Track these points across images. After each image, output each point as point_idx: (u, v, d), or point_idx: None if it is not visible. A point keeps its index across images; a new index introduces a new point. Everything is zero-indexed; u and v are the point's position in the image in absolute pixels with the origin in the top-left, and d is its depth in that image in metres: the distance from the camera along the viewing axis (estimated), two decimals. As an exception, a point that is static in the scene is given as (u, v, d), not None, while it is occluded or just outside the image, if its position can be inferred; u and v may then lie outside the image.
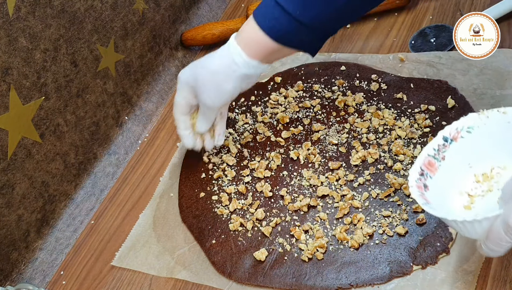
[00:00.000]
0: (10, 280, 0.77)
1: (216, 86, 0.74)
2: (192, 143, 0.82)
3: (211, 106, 0.77)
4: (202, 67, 0.75)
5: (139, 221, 0.84)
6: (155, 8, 1.00)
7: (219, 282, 0.73)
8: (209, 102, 0.76)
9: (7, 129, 0.74)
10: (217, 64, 0.74)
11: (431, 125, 0.79)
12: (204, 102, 0.76)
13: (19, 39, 0.74)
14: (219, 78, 0.74)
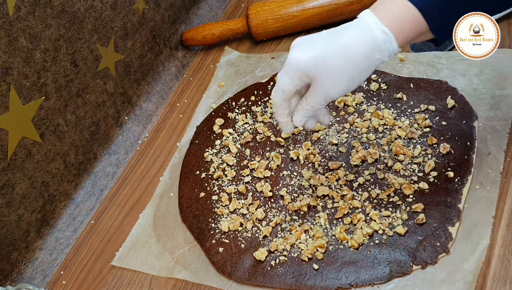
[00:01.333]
0: (10, 280, 0.77)
1: (351, 74, 0.63)
2: (291, 130, 0.70)
3: (334, 97, 0.65)
4: (333, 51, 0.62)
5: (139, 221, 0.84)
6: (155, 8, 1.00)
7: (219, 282, 0.73)
8: (334, 92, 0.64)
9: (7, 129, 0.74)
10: (355, 47, 0.61)
11: (431, 125, 0.79)
12: (327, 91, 0.64)
13: (19, 39, 0.74)
14: (357, 65, 0.62)
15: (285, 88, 0.65)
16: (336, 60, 0.62)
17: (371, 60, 0.62)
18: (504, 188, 0.71)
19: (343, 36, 0.62)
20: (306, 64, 0.63)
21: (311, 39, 0.64)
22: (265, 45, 1.04)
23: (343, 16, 0.99)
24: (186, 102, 1.00)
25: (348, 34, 0.62)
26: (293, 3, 1.00)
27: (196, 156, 0.88)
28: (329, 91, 0.64)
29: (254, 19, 1.01)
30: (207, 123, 0.92)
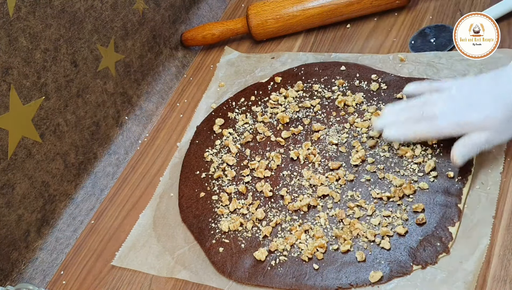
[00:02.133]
0: (10, 280, 0.77)
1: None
2: None
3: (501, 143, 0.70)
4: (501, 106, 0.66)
5: (139, 221, 0.84)
6: (155, 8, 1.00)
7: (219, 282, 0.73)
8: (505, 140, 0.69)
9: (7, 129, 0.74)
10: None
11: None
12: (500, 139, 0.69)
13: (19, 39, 0.74)
14: None
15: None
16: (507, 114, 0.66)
17: None
18: (504, 188, 0.71)
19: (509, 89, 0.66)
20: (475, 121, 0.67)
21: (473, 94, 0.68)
22: (265, 45, 1.04)
23: (343, 16, 0.99)
24: (186, 102, 1.00)
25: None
26: (293, 3, 1.00)
27: (196, 156, 0.88)
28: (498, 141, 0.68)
29: (254, 19, 1.01)
30: (207, 123, 0.92)
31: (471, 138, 0.68)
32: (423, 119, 0.71)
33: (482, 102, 0.67)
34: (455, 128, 0.69)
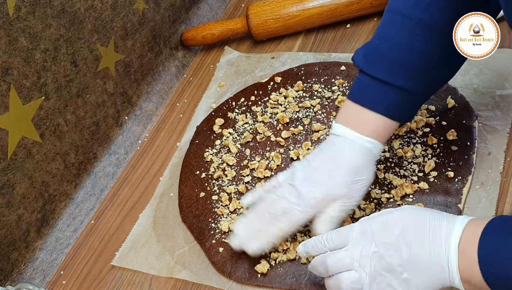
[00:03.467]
0: (10, 280, 0.77)
1: (365, 184, 0.69)
2: None
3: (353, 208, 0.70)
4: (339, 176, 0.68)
5: (139, 221, 0.84)
6: (155, 8, 1.00)
7: (219, 282, 0.73)
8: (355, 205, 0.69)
9: (7, 129, 0.74)
10: (358, 163, 0.68)
11: (431, 125, 0.79)
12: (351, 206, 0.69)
13: (19, 39, 0.74)
14: (366, 174, 0.68)
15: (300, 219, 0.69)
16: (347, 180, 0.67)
17: (372, 163, 0.69)
18: (504, 188, 0.71)
19: (343, 160, 0.68)
20: (323, 197, 0.68)
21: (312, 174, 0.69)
22: (265, 45, 1.04)
23: (343, 16, 0.99)
24: (186, 102, 1.00)
25: (345, 156, 0.68)
26: (293, 3, 1.00)
27: (196, 156, 0.88)
28: (350, 206, 0.69)
29: (254, 19, 1.01)
30: (207, 123, 0.92)
31: (328, 214, 0.68)
32: (275, 219, 0.69)
33: (322, 178, 0.68)
34: (310, 211, 0.68)
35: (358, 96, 0.69)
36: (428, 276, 0.57)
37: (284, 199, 0.69)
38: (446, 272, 0.56)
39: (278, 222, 0.69)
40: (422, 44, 0.67)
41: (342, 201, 0.68)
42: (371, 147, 0.68)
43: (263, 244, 0.71)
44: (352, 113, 0.69)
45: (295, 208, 0.68)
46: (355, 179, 0.68)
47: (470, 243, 0.55)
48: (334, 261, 0.61)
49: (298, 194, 0.68)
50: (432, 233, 0.57)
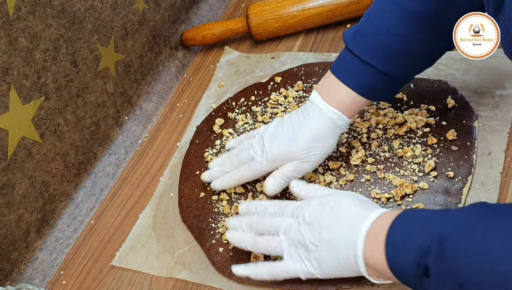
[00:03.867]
0: (10, 280, 0.77)
1: (321, 150, 0.75)
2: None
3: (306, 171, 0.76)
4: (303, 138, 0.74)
5: (139, 221, 0.84)
6: (155, 8, 1.00)
7: (219, 282, 0.73)
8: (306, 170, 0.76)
9: (7, 129, 0.74)
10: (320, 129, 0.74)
11: (431, 125, 0.79)
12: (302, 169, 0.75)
13: (19, 39, 0.74)
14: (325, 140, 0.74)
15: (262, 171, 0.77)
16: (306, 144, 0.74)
17: (334, 133, 0.75)
18: (504, 188, 0.71)
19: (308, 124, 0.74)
20: (282, 155, 0.75)
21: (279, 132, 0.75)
22: (265, 45, 1.04)
23: (343, 16, 0.99)
24: (186, 102, 1.00)
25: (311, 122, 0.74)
26: (293, 3, 1.00)
27: (196, 156, 0.88)
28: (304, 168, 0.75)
29: (254, 19, 1.01)
30: (207, 123, 0.92)
31: (281, 170, 0.75)
32: (241, 164, 0.78)
33: (286, 137, 0.75)
34: (267, 164, 0.76)
35: (337, 69, 0.74)
36: (337, 260, 0.61)
37: (252, 150, 0.77)
38: (352, 258, 0.60)
39: (242, 168, 0.78)
40: (408, 32, 0.69)
41: (298, 162, 0.74)
42: (336, 118, 0.73)
43: (225, 184, 0.80)
44: (328, 84, 0.74)
45: (257, 159, 0.76)
46: (314, 145, 0.74)
47: (379, 232, 0.58)
48: (269, 224, 0.67)
49: (263, 148, 0.76)
50: (348, 220, 0.62)
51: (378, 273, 0.59)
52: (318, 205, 0.65)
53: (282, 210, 0.68)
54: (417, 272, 0.54)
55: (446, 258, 0.52)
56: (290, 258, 0.65)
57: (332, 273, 0.63)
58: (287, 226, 0.66)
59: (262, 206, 0.70)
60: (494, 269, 0.49)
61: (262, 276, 0.67)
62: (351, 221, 0.61)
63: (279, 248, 0.66)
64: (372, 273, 0.60)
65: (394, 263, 0.56)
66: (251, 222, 0.70)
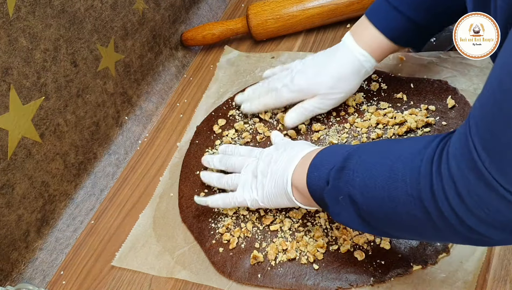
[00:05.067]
0: (10, 280, 0.77)
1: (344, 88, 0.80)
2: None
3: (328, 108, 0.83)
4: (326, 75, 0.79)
5: (139, 221, 0.84)
6: (155, 8, 1.00)
7: (219, 282, 0.73)
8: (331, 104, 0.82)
9: (7, 129, 0.74)
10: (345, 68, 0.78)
11: (431, 125, 0.79)
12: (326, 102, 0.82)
13: (19, 39, 0.74)
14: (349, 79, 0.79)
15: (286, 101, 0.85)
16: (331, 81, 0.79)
17: (359, 75, 0.79)
18: (504, 188, 0.71)
19: (335, 62, 0.79)
20: (306, 87, 0.81)
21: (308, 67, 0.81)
22: (265, 45, 1.04)
23: (343, 16, 0.99)
24: (186, 102, 1.00)
25: (339, 60, 0.79)
26: (293, 3, 1.00)
27: (196, 156, 0.88)
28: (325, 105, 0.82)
29: (254, 19, 1.01)
30: (207, 123, 0.92)
31: (303, 103, 0.82)
32: (269, 91, 0.85)
33: (313, 72, 0.80)
34: (291, 94, 0.82)
35: (370, 12, 0.78)
36: (275, 184, 0.70)
37: (281, 80, 0.84)
38: (285, 181, 0.68)
39: (270, 95, 0.85)
40: None
41: (320, 97, 0.80)
42: (363, 60, 0.78)
43: (253, 108, 0.87)
44: (360, 26, 0.78)
45: (284, 88, 0.83)
46: (338, 83, 0.79)
47: (308, 159, 0.66)
48: (236, 162, 0.77)
49: (291, 79, 0.82)
50: (291, 153, 0.70)
51: (300, 193, 0.67)
52: (276, 146, 0.75)
53: (249, 153, 0.78)
54: (322, 185, 0.62)
55: (343, 171, 0.60)
56: (242, 188, 0.74)
57: (270, 199, 0.71)
58: (248, 163, 0.75)
59: (236, 148, 0.81)
60: (372, 182, 0.56)
61: (217, 202, 0.76)
62: (292, 154, 0.70)
63: (237, 182, 0.75)
64: (296, 195, 0.68)
65: (310, 179, 0.64)
66: (222, 158, 0.79)
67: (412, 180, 0.52)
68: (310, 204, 0.68)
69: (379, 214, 0.57)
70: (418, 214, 0.52)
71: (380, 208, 0.56)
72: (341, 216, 0.62)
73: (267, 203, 0.72)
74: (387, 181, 0.55)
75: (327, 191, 0.62)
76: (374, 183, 0.56)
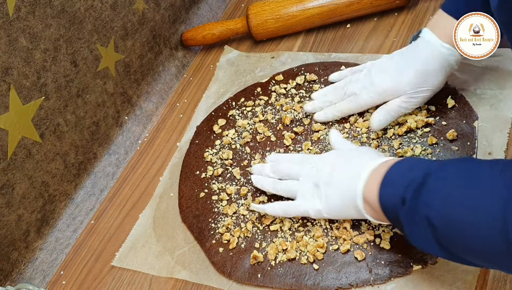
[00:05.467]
0: (10, 280, 0.77)
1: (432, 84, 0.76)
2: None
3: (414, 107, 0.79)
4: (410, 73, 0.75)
5: (139, 221, 0.84)
6: (155, 8, 1.00)
7: (219, 282, 0.73)
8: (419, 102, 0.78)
9: (7, 129, 0.74)
10: (431, 65, 0.75)
11: (431, 125, 0.79)
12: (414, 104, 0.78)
13: (19, 39, 0.74)
14: (436, 75, 0.75)
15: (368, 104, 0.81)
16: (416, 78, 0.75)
17: (444, 70, 0.75)
18: (504, 188, 0.71)
19: (418, 59, 0.75)
20: (391, 88, 0.77)
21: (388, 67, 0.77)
22: (265, 45, 1.04)
23: (343, 16, 0.99)
24: (186, 102, 1.00)
25: (421, 57, 0.75)
26: (293, 3, 1.00)
27: (196, 156, 0.88)
28: (412, 104, 0.78)
29: (254, 19, 1.01)
30: (207, 123, 0.92)
31: (387, 105, 0.78)
32: (346, 96, 0.81)
33: (396, 71, 0.76)
34: (375, 97, 0.78)
35: (448, 6, 0.74)
36: (342, 196, 0.67)
37: (359, 83, 0.80)
38: (354, 193, 0.65)
39: (347, 100, 0.81)
40: None
41: (405, 97, 0.76)
42: (447, 54, 0.74)
43: (328, 116, 0.83)
44: (439, 21, 0.75)
45: (364, 92, 0.79)
46: (423, 81, 0.75)
47: (380, 172, 0.63)
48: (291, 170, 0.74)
49: (371, 81, 0.78)
50: (357, 163, 0.67)
51: (371, 207, 0.64)
52: (337, 153, 0.72)
53: (304, 160, 0.74)
54: (397, 202, 0.59)
55: (422, 192, 0.56)
56: (302, 197, 0.71)
57: (336, 210, 0.68)
58: (306, 171, 0.72)
59: (288, 156, 0.77)
60: (453, 207, 0.54)
61: (275, 211, 0.73)
62: (360, 165, 0.66)
63: (295, 189, 0.72)
64: (367, 209, 0.65)
65: (383, 196, 0.61)
66: (274, 166, 0.76)
67: (497, 211, 0.51)
68: (381, 219, 0.64)
69: (457, 241, 0.55)
70: (499, 245, 0.51)
71: (459, 235, 0.54)
72: (417, 240, 0.59)
73: (333, 215, 0.69)
74: (469, 208, 0.53)
75: (402, 211, 0.58)
76: (454, 208, 0.54)
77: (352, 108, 0.81)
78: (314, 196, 0.70)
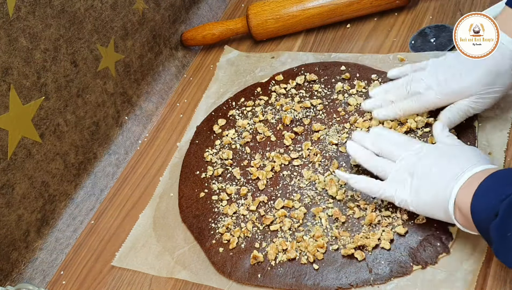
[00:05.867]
0: (10, 280, 0.77)
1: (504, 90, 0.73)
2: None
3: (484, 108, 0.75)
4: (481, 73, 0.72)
5: (139, 221, 0.84)
6: (155, 8, 1.00)
7: (219, 282, 0.73)
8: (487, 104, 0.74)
9: (7, 129, 0.74)
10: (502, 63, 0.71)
11: (431, 125, 0.79)
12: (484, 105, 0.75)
13: (19, 39, 0.74)
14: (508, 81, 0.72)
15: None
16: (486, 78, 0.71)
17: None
18: (504, 188, 0.71)
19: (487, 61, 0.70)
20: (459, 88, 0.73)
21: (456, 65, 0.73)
22: (265, 45, 1.04)
23: (343, 16, 0.99)
24: (186, 102, 1.00)
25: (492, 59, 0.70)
26: (293, 3, 1.00)
27: (196, 156, 0.88)
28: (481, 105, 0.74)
29: (254, 19, 1.01)
30: (207, 123, 0.92)
31: (456, 104, 0.74)
32: (409, 95, 0.77)
33: (463, 72, 0.72)
34: (440, 98, 0.74)
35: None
36: (434, 193, 0.64)
37: (424, 82, 0.75)
38: (448, 195, 0.62)
39: (411, 99, 0.76)
40: None
41: (475, 97, 0.72)
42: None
43: (390, 114, 0.78)
44: (506, 18, 0.71)
45: (431, 92, 0.74)
46: (494, 80, 0.71)
47: (476, 180, 0.60)
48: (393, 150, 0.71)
49: (438, 81, 0.74)
50: (458, 164, 0.64)
51: (461, 214, 0.61)
52: (440, 151, 0.68)
53: (409, 144, 0.71)
54: (490, 215, 0.56)
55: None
56: (393, 180, 0.68)
57: (424, 206, 0.66)
58: (405, 156, 0.69)
59: (394, 134, 0.74)
60: None
61: (359, 184, 0.71)
62: (459, 167, 0.63)
63: (388, 170, 0.69)
64: (457, 215, 0.62)
65: (475, 206, 0.58)
66: (376, 140, 0.73)
67: None
68: (471, 229, 0.62)
69: None
70: None
71: None
72: (507, 258, 0.57)
73: (419, 210, 0.67)
74: None
75: (494, 225, 0.56)
76: None
77: (415, 108, 0.77)
78: (405, 185, 0.67)
